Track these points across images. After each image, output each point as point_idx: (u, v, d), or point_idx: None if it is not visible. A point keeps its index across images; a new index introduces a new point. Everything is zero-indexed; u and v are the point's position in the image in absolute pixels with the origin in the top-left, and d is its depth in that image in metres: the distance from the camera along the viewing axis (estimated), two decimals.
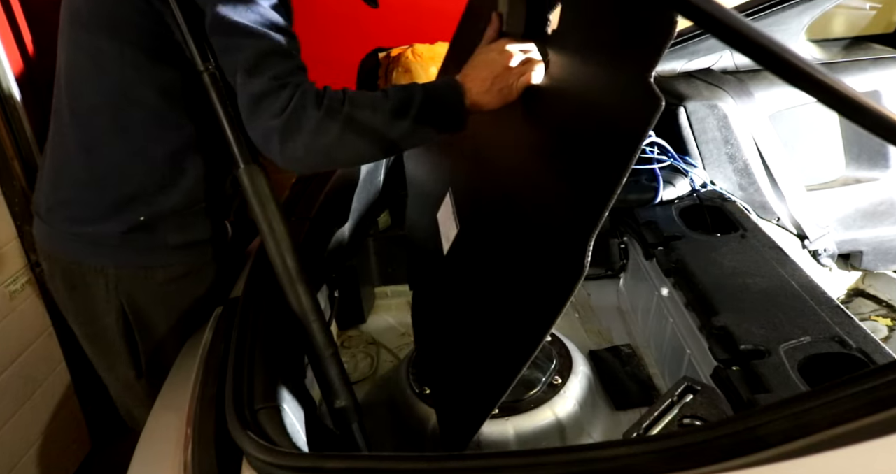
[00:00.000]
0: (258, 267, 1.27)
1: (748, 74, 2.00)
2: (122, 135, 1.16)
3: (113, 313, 1.27)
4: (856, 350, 1.09)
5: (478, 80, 1.06)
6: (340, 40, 3.22)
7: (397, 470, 0.74)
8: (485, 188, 1.18)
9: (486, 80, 1.06)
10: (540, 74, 1.05)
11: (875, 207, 1.98)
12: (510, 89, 1.06)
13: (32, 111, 1.66)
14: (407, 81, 2.75)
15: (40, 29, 1.71)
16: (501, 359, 0.89)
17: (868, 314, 1.91)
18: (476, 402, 0.93)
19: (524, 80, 1.05)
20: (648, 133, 0.70)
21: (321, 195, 1.63)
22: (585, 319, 1.68)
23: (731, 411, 1.02)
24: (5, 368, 1.64)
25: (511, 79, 1.05)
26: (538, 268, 0.88)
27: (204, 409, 0.97)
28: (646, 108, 0.70)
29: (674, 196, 1.73)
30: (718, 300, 1.26)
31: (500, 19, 1.13)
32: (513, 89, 1.06)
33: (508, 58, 1.06)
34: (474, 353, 1.01)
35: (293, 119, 1.00)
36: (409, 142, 1.09)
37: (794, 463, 0.57)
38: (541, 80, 1.05)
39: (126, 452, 1.02)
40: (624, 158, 0.73)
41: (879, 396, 0.55)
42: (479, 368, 0.97)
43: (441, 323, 1.21)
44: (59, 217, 1.23)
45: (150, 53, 1.11)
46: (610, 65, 0.85)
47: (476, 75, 1.07)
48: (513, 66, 1.05)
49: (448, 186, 1.31)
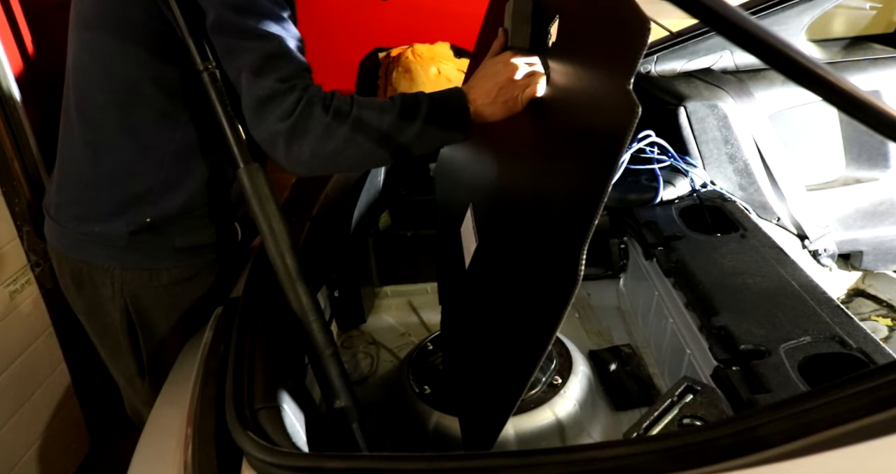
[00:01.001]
0: (258, 267, 1.27)
1: (748, 74, 2.00)
2: (128, 134, 1.16)
3: (117, 312, 1.28)
4: (856, 350, 1.09)
5: (482, 91, 1.07)
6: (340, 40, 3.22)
7: (397, 470, 0.74)
8: (498, 201, 1.19)
9: (491, 91, 1.07)
10: (544, 87, 1.06)
11: (875, 207, 1.98)
12: (515, 101, 1.07)
13: (32, 111, 1.66)
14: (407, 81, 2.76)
15: (40, 29, 1.71)
16: (514, 365, 0.90)
17: (868, 314, 1.91)
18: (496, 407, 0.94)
19: (529, 92, 1.06)
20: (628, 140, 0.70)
21: (321, 195, 1.63)
22: (585, 319, 1.68)
23: (731, 411, 1.02)
24: (5, 368, 1.64)
25: (516, 91, 1.06)
26: (538, 278, 0.88)
27: (204, 409, 0.97)
28: (625, 115, 0.70)
29: (674, 196, 1.73)
30: (718, 300, 1.26)
31: (505, 34, 1.14)
32: (517, 101, 1.07)
33: (513, 70, 1.06)
34: (491, 361, 1.03)
35: (300, 123, 1.00)
36: (413, 150, 1.10)
37: (794, 463, 0.57)
38: (544, 92, 1.06)
39: (126, 452, 1.02)
40: (607, 167, 0.73)
41: (879, 396, 0.55)
42: (496, 375, 0.98)
43: (465, 336, 1.22)
44: (67, 216, 1.24)
45: (155, 52, 1.11)
46: (595, 74, 0.86)
47: (481, 86, 1.08)
48: (517, 79, 1.06)
49: (469, 201, 1.33)
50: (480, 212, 1.26)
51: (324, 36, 3.19)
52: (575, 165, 0.87)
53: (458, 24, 2.85)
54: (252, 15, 1.02)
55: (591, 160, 0.81)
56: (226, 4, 1.01)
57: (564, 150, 0.93)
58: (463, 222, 1.33)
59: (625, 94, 0.72)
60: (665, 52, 2.02)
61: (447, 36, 2.96)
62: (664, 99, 1.94)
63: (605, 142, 0.77)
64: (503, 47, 1.15)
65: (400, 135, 1.06)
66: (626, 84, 0.72)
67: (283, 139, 1.02)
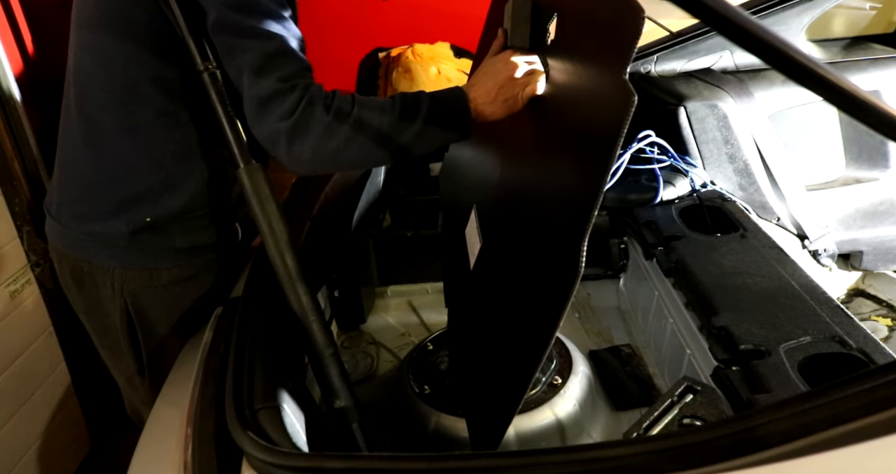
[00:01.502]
0: (258, 267, 1.27)
1: (748, 74, 2.00)
2: (129, 133, 1.16)
3: (118, 312, 1.28)
4: (856, 350, 1.09)
5: (483, 90, 1.08)
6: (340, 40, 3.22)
7: (397, 470, 0.74)
8: (500, 200, 1.19)
9: (492, 90, 1.07)
10: (544, 84, 1.06)
11: (875, 207, 1.98)
12: (515, 99, 1.07)
13: (32, 111, 1.66)
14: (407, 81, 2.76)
15: (40, 29, 1.71)
16: (517, 363, 0.90)
17: (868, 314, 1.90)
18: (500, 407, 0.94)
19: (529, 90, 1.06)
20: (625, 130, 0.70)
21: (321, 195, 1.63)
22: (585, 319, 1.68)
23: (731, 411, 1.02)
24: (5, 368, 1.64)
25: (516, 89, 1.07)
26: (540, 273, 0.88)
27: (204, 409, 0.97)
28: (622, 104, 0.70)
29: (674, 196, 1.73)
30: (718, 300, 1.26)
31: (504, 34, 1.14)
32: (518, 99, 1.07)
33: (513, 69, 1.07)
34: (495, 361, 1.03)
35: (301, 122, 1.00)
36: (414, 149, 1.10)
37: (794, 463, 0.57)
38: (544, 89, 1.06)
39: (126, 452, 1.02)
40: (605, 156, 0.74)
41: (879, 396, 0.55)
42: (500, 374, 0.98)
43: (470, 338, 1.22)
44: (68, 215, 1.24)
45: (156, 52, 1.11)
46: (592, 67, 0.86)
47: (481, 85, 1.08)
48: (517, 77, 1.06)
49: (473, 203, 1.33)
50: (484, 213, 1.26)
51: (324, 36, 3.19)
52: (574, 158, 0.87)
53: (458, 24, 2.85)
54: (253, 14, 1.02)
55: (590, 151, 0.82)
56: (227, 4, 1.01)
57: (564, 145, 0.93)
58: (467, 224, 1.33)
59: (621, 83, 0.72)
60: (665, 52, 2.02)
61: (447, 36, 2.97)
62: (664, 99, 1.94)
63: (603, 132, 0.77)
64: (503, 47, 1.15)
65: (401, 134, 1.06)
66: (622, 74, 0.72)
67: (285, 138, 1.02)
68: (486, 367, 1.07)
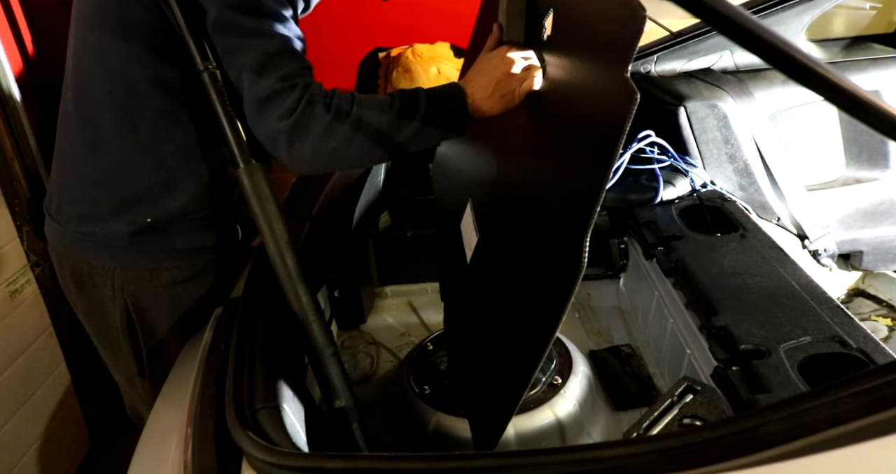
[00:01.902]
0: (258, 267, 1.27)
1: (748, 74, 2.00)
2: (128, 133, 1.16)
3: (118, 313, 1.28)
4: (856, 350, 1.09)
5: (480, 85, 1.08)
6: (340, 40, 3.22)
7: (397, 470, 0.74)
8: (498, 195, 1.19)
9: (489, 86, 1.07)
10: (541, 80, 1.06)
11: (875, 207, 1.97)
12: (512, 95, 1.07)
13: (32, 111, 1.66)
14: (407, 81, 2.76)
15: (40, 29, 1.71)
16: (517, 361, 0.90)
17: (868, 314, 1.90)
18: (500, 404, 0.94)
19: (526, 85, 1.06)
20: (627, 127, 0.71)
21: (321, 195, 1.63)
22: (585, 319, 1.68)
23: (731, 411, 1.02)
24: (5, 368, 1.64)
25: (513, 84, 1.06)
26: (541, 270, 0.88)
27: (204, 409, 0.97)
28: (624, 101, 0.71)
29: (674, 196, 1.73)
30: (718, 300, 1.26)
31: (500, 30, 1.14)
32: (515, 95, 1.07)
33: (510, 64, 1.07)
34: (494, 358, 1.03)
35: (302, 121, 1.01)
36: (413, 145, 1.10)
37: (794, 463, 0.57)
38: (541, 85, 1.06)
39: (126, 452, 1.02)
40: (608, 153, 0.74)
41: (879, 396, 0.55)
42: (500, 372, 0.98)
43: (467, 333, 1.22)
44: (67, 215, 1.24)
45: (156, 52, 1.11)
46: (591, 64, 0.86)
47: (478, 81, 1.08)
48: (514, 73, 1.06)
49: (469, 197, 1.33)
50: (480, 207, 1.26)
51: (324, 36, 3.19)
52: (575, 154, 0.87)
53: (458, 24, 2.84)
54: (253, 14, 1.02)
55: (592, 148, 0.81)
56: (227, 3, 1.01)
57: (564, 142, 0.93)
58: (463, 218, 1.33)
59: (623, 81, 0.72)
60: (665, 52, 2.02)
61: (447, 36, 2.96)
62: (664, 99, 1.94)
63: (605, 130, 0.77)
64: (498, 42, 1.15)
65: (400, 132, 1.06)
66: (624, 72, 0.72)
67: (285, 137, 1.02)
68: (485, 366, 1.07)
